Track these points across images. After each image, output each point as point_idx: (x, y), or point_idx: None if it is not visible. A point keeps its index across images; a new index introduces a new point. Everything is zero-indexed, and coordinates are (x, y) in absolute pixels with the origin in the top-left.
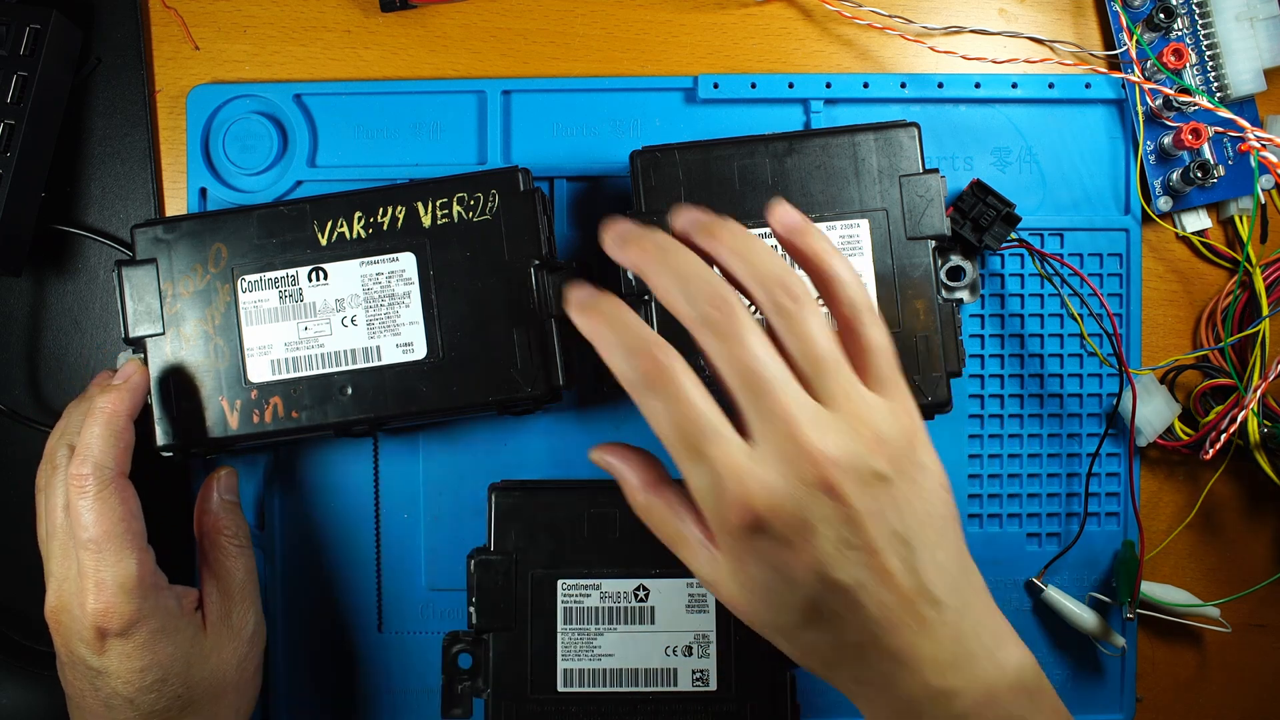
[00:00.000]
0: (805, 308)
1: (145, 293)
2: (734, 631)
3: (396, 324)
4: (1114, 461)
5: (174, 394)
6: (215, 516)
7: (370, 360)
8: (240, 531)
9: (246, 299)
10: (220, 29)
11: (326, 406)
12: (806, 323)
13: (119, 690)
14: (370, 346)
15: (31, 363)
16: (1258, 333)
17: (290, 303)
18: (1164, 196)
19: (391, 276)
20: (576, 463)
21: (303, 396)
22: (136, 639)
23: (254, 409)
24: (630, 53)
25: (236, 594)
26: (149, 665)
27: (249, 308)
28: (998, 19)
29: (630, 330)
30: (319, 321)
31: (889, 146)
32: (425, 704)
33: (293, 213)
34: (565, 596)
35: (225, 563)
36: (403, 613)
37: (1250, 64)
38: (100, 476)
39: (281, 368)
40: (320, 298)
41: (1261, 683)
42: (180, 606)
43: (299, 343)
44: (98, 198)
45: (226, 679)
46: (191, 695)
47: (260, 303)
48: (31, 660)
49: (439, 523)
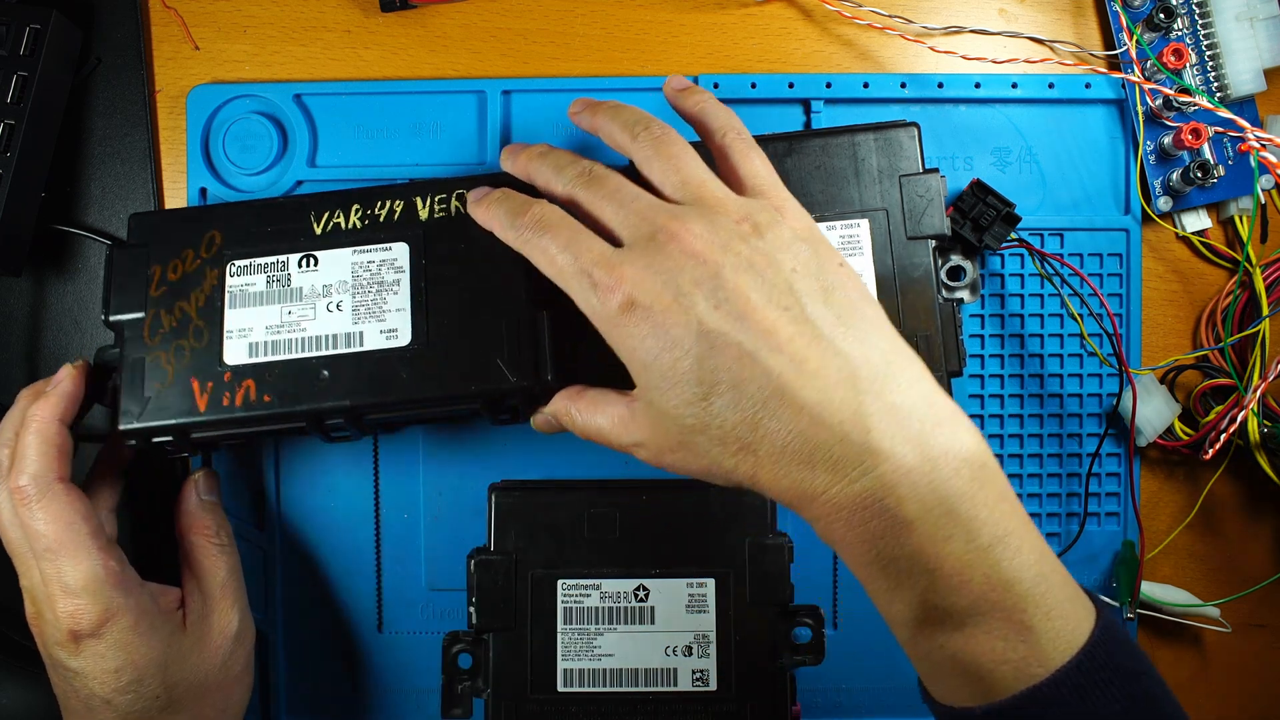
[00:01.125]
0: (669, 138)
1: (132, 276)
2: (734, 631)
3: (383, 310)
4: (1114, 461)
5: (145, 378)
6: (195, 516)
7: (352, 345)
8: (221, 530)
9: (234, 283)
10: (220, 29)
11: (300, 391)
12: (671, 147)
13: (96, 691)
14: (353, 332)
15: (31, 363)
16: (1258, 333)
17: (277, 287)
18: (1164, 196)
19: (383, 265)
20: (577, 463)
21: (277, 380)
22: (109, 639)
23: (225, 391)
24: (630, 53)
25: (217, 593)
26: (123, 665)
27: (235, 291)
28: (998, 19)
29: (511, 198)
30: (304, 306)
31: (889, 146)
32: (425, 704)
33: (290, 204)
34: (565, 596)
35: (205, 562)
36: (403, 613)
37: (1250, 64)
38: (39, 485)
39: (259, 350)
40: (308, 283)
41: (1261, 683)
42: (156, 605)
43: (281, 326)
44: (98, 198)
45: (208, 679)
46: (171, 695)
47: (247, 287)
48: (32, 660)
49: (439, 523)
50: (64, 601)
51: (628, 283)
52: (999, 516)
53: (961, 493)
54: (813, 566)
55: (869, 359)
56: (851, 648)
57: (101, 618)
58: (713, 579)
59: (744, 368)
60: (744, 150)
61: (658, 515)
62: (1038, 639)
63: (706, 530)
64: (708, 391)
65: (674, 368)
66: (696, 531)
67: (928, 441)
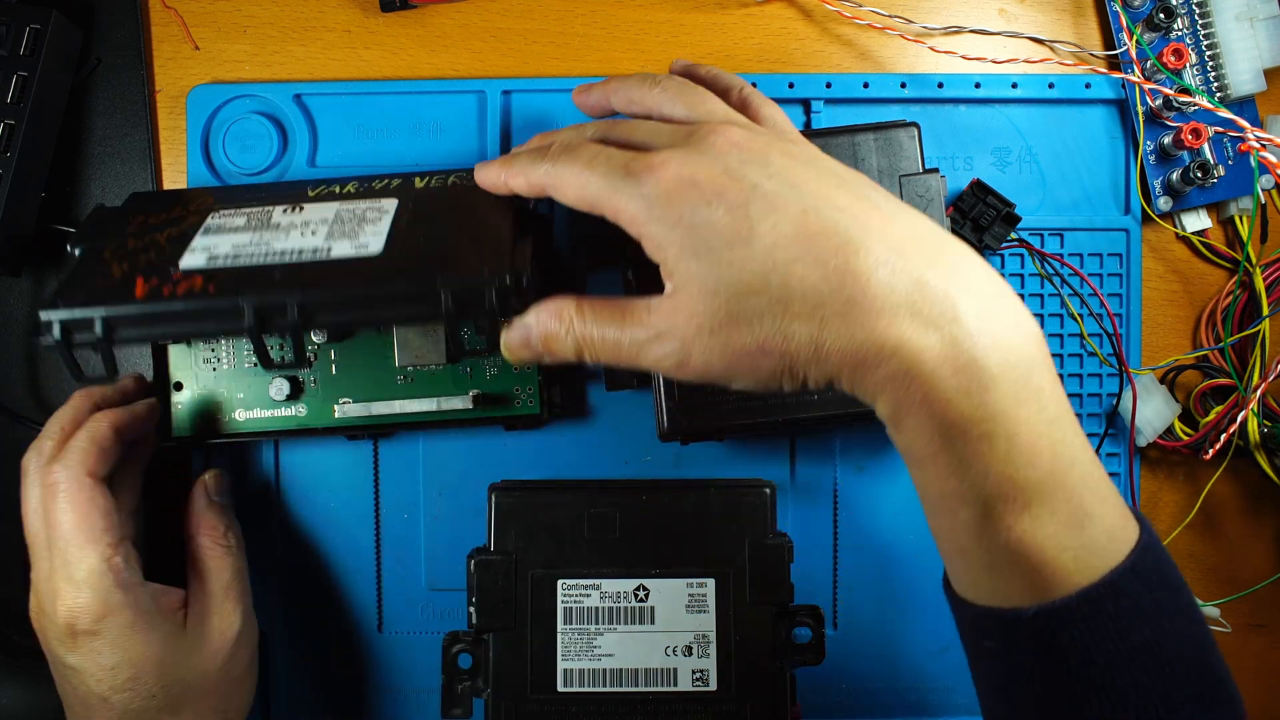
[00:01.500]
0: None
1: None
2: (734, 631)
3: (358, 234)
4: (1114, 461)
5: (89, 274)
6: (202, 517)
7: (318, 257)
8: (229, 532)
9: (213, 221)
10: (220, 29)
11: (248, 286)
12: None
13: (93, 688)
14: (322, 246)
15: (31, 363)
16: (1258, 333)
17: (256, 222)
18: (1164, 196)
19: (369, 210)
20: (577, 463)
21: (227, 279)
22: (106, 636)
23: (167, 285)
24: (630, 53)
25: (220, 594)
26: (120, 663)
27: (211, 225)
28: (998, 19)
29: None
30: (278, 234)
31: (889, 146)
32: (425, 704)
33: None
34: (565, 596)
35: (210, 563)
36: (403, 613)
37: (1250, 64)
38: (69, 476)
39: (219, 261)
40: (288, 220)
41: (1261, 683)
42: (156, 605)
43: (248, 245)
44: (98, 198)
45: (208, 680)
46: (170, 695)
47: (225, 224)
48: (32, 660)
49: (439, 523)
50: (66, 595)
51: (674, 163)
52: (1059, 392)
53: (1034, 358)
54: (813, 566)
55: (931, 229)
56: (851, 648)
57: (99, 613)
58: (713, 579)
59: (808, 221)
60: (763, 100)
61: (658, 515)
62: (1094, 528)
63: (706, 530)
64: (770, 246)
65: (732, 228)
66: (696, 531)
67: (1000, 303)
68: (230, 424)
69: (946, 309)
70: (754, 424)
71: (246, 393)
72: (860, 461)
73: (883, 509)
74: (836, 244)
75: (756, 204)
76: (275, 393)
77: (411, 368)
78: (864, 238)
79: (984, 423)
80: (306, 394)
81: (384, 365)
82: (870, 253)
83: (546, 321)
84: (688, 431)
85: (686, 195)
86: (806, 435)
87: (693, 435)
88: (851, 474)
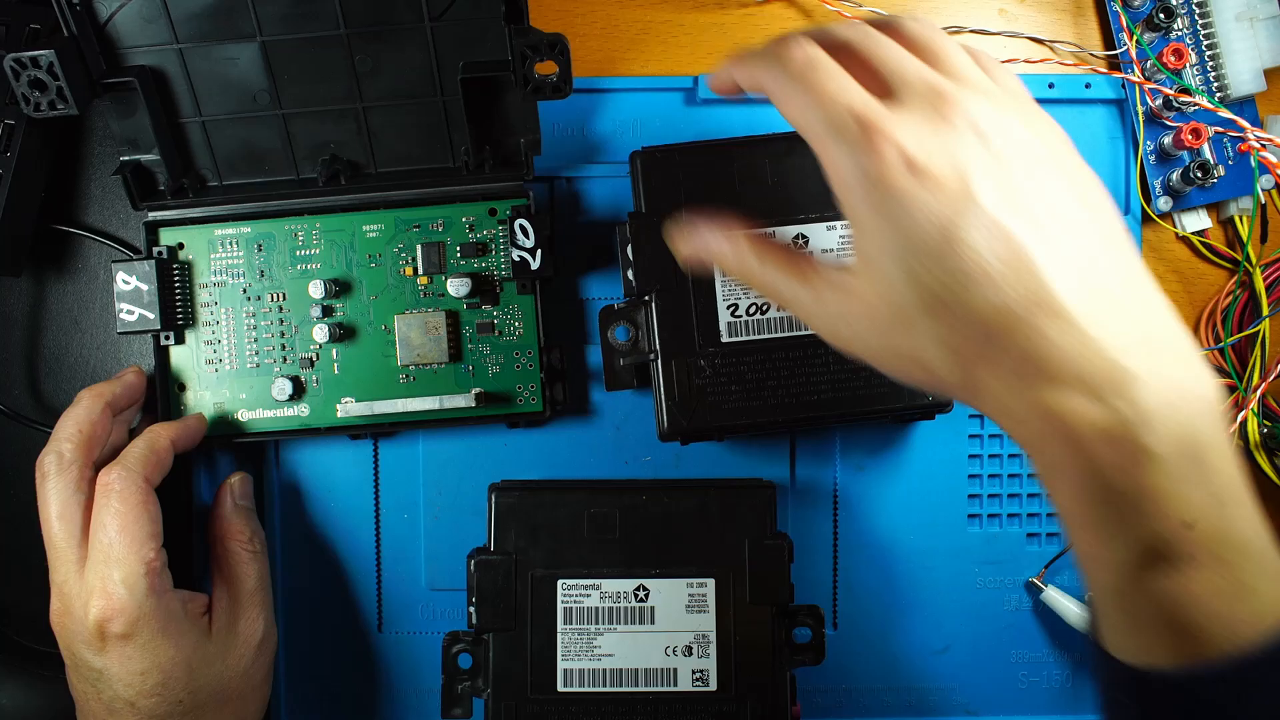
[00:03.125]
0: (943, 37)
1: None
2: (734, 631)
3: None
4: None
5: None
6: (229, 522)
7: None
8: (255, 537)
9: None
10: None
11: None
12: (946, 46)
13: (120, 693)
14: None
15: (31, 363)
16: (1258, 333)
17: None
18: (1164, 196)
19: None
20: (577, 463)
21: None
22: (138, 640)
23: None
24: (630, 53)
25: (246, 600)
26: (149, 668)
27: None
28: (998, 19)
29: (767, 45)
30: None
31: None
32: (425, 704)
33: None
34: (565, 596)
35: (237, 569)
36: (403, 613)
37: (1250, 64)
38: (126, 478)
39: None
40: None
41: None
42: (185, 610)
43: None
44: (98, 198)
45: (230, 686)
46: (195, 700)
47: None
48: (32, 661)
49: (439, 523)
50: (101, 596)
51: (906, 136)
52: (1233, 468)
53: (1205, 435)
54: (813, 566)
55: (1133, 281)
56: (851, 648)
57: (134, 617)
58: (713, 579)
59: (1017, 260)
60: (996, 63)
61: (658, 515)
62: (1257, 601)
63: (706, 530)
64: (968, 270)
65: (940, 235)
66: (696, 532)
67: (1179, 373)
68: (233, 424)
69: (1119, 381)
70: (754, 424)
71: (249, 393)
72: (860, 461)
73: (883, 509)
74: (1032, 294)
75: (972, 218)
76: (278, 393)
77: (413, 366)
78: (1061, 293)
79: (1132, 496)
80: (309, 394)
81: (386, 364)
82: (1060, 314)
83: (741, 250)
84: (688, 431)
85: (904, 188)
86: (806, 435)
87: (693, 435)
88: (851, 474)
